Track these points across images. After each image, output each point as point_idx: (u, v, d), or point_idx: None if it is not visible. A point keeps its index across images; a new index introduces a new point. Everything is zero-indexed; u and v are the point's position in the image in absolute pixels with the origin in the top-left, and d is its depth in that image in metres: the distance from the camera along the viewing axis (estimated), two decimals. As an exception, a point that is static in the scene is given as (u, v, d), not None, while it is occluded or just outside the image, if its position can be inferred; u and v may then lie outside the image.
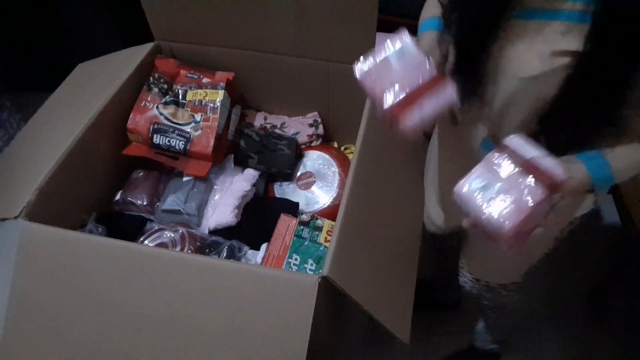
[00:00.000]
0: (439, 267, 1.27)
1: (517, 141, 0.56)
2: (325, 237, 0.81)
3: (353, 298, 0.60)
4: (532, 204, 0.51)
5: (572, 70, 0.55)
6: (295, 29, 0.88)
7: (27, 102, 1.11)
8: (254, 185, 0.90)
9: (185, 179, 0.89)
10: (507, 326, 1.19)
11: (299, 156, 0.98)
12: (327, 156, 0.98)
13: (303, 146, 1.02)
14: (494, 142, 0.69)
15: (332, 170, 0.95)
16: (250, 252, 0.82)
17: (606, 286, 1.43)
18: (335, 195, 0.92)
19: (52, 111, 0.87)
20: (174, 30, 0.95)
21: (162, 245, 0.79)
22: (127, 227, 0.84)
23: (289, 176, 0.95)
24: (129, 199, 0.88)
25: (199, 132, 0.88)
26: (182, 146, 0.87)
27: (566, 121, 0.59)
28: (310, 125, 1.04)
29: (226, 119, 0.93)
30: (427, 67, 0.61)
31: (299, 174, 0.96)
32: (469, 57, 0.63)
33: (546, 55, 0.56)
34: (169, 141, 0.87)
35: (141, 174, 0.92)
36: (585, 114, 0.58)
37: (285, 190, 0.94)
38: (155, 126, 0.88)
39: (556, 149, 0.57)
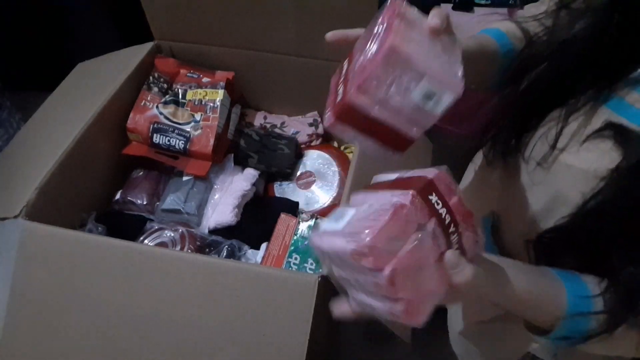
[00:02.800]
0: None
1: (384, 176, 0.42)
2: (325, 237, 0.81)
3: (353, 297, 0.60)
4: (389, 212, 0.35)
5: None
6: (295, 28, 0.88)
7: (27, 102, 1.11)
8: (253, 184, 0.90)
9: (185, 178, 0.89)
10: None
11: (298, 155, 0.98)
12: (327, 155, 0.98)
13: (303, 145, 1.02)
14: (493, 224, 0.59)
15: (332, 169, 0.95)
16: (250, 252, 0.82)
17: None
18: (335, 194, 0.92)
19: (51, 111, 0.87)
20: (173, 30, 0.95)
21: (162, 244, 0.79)
22: (127, 226, 0.84)
23: (288, 175, 0.95)
24: (128, 198, 0.88)
25: (199, 131, 0.88)
26: (182, 145, 0.87)
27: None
28: (310, 125, 1.04)
29: (226, 118, 0.93)
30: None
31: (298, 173, 0.96)
32: (532, 106, 0.51)
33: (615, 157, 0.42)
34: (168, 140, 0.87)
35: (141, 173, 0.92)
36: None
37: (285, 190, 0.94)
38: (155, 126, 0.88)
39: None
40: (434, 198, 0.37)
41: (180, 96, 0.92)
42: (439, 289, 0.38)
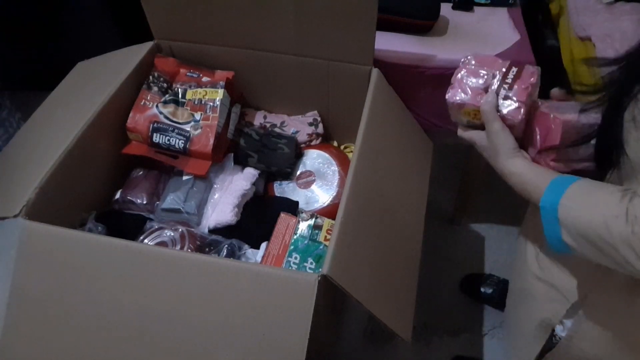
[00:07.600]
0: None
1: None
2: (325, 236, 0.81)
3: (353, 296, 0.60)
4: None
5: None
6: (295, 27, 0.88)
7: (27, 101, 1.11)
8: (253, 184, 0.90)
9: (185, 177, 0.89)
10: None
11: (298, 155, 0.98)
12: (326, 155, 0.98)
13: (303, 145, 1.02)
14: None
15: (332, 169, 0.95)
16: (250, 251, 0.82)
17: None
18: (335, 194, 0.92)
19: (51, 110, 0.87)
20: (173, 29, 0.95)
21: (162, 244, 0.79)
22: (127, 226, 0.84)
23: (288, 175, 0.95)
24: (128, 197, 0.88)
25: (199, 131, 0.88)
26: (182, 145, 0.87)
27: None
28: (310, 124, 1.04)
29: (226, 117, 0.93)
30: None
31: (298, 172, 0.96)
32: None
33: None
34: (168, 140, 0.87)
35: (141, 172, 0.92)
36: None
37: (285, 189, 0.94)
38: (155, 125, 0.88)
39: None
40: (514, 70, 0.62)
41: (180, 95, 0.92)
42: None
